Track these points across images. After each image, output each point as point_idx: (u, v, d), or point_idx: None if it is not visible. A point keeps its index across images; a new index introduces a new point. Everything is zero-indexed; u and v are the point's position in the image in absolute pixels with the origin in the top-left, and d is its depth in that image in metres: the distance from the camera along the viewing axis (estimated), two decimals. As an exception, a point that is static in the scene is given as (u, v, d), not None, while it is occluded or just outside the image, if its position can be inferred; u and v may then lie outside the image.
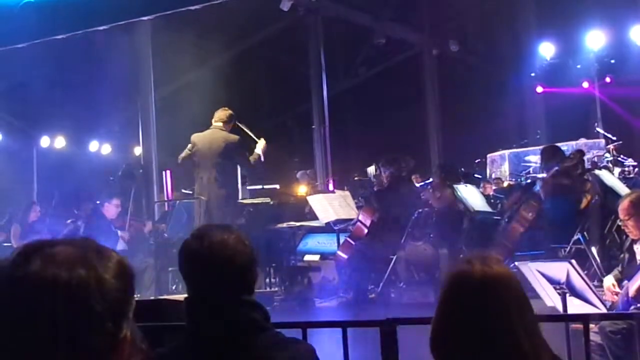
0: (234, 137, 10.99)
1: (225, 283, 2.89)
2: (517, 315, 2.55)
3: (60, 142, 19.14)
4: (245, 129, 11.29)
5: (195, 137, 11.13)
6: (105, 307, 1.60)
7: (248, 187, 12.50)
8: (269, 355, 2.84)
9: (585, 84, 21.15)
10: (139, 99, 15.39)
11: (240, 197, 11.72)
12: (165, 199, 13.99)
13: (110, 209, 12.93)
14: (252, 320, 2.89)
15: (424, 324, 4.70)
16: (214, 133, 11.06)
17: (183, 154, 11.17)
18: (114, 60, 15.70)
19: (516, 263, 7.55)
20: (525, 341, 2.52)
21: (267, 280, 12.11)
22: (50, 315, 1.56)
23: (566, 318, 5.84)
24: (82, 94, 17.25)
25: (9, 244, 14.02)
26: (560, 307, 6.33)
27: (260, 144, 11.16)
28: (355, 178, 17.07)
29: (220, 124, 11.10)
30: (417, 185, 13.61)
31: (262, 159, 11.17)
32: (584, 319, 4.57)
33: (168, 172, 13.59)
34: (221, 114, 11.18)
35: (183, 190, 14.08)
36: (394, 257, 10.53)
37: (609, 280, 7.10)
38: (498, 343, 2.50)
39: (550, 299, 6.51)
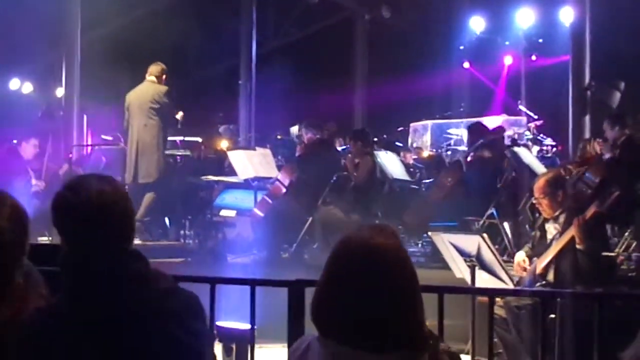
0: (163, 88, 11.47)
1: (105, 235, 2.75)
2: (398, 289, 2.54)
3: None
4: None
5: (129, 94, 11.60)
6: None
7: (169, 138, 12.44)
8: (154, 305, 2.77)
9: (509, 59, 21.43)
10: (66, 40, 15.10)
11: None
12: (84, 143, 13.81)
13: (28, 148, 12.69)
14: (136, 270, 2.79)
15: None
16: (146, 86, 11.54)
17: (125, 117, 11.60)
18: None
19: (429, 233, 7.66)
20: (404, 319, 2.53)
21: (182, 232, 12.10)
22: None
23: (473, 291, 5.95)
24: (5, 30, 16.84)
25: None
26: (469, 280, 6.44)
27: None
28: (278, 137, 17.02)
29: (153, 77, 11.57)
30: (339, 149, 13.65)
31: (179, 126, 12.02)
32: (490, 293, 4.64)
33: (86, 116, 13.44)
34: (153, 68, 11.65)
35: (103, 137, 13.93)
36: (309, 219, 10.56)
37: (520, 256, 7.23)
38: (373, 316, 2.49)
39: (460, 270, 6.62)
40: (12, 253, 1.60)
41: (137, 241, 2.99)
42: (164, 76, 11.61)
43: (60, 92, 16.29)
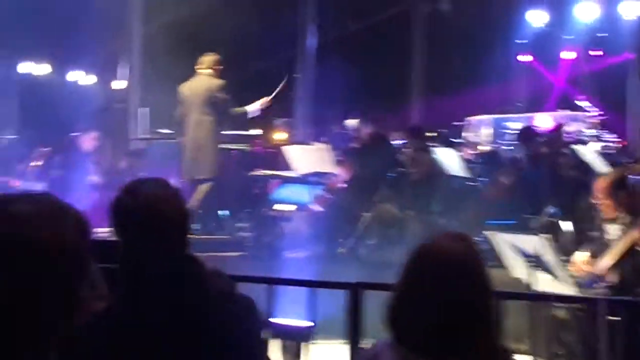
0: (218, 82, 11.14)
1: (161, 239, 2.78)
2: (474, 299, 2.52)
3: (41, 69, 18.86)
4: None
5: (183, 87, 11.31)
6: (66, 266, 1.56)
7: (226, 132, 12.44)
8: (210, 309, 2.77)
9: (570, 54, 21.13)
10: (126, 32, 15.20)
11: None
12: (143, 136, 13.89)
13: (87, 141, 12.82)
14: (192, 274, 2.81)
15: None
16: (200, 79, 11.22)
17: (177, 111, 11.36)
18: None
19: (485, 232, 7.58)
20: (483, 324, 2.51)
21: (238, 226, 12.11)
22: (11, 278, 1.51)
23: (534, 297, 5.86)
24: (67, 22, 16.98)
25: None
26: (527, 279, 6.35)
27: (258, 103, 11.42)
28: (335, 131, 16.97)
29: (208, 70, 11.22)
30: (395, 144, 13.57)
31: (249, 116, 11.50)
32: (551, 300, 4.58)
33: (147, 109, 13.49)
34: (207, 59, 11.30)
35: (159, 130, 13.99)
36: (367, 215, 10.51)
37: (581, 256, 7.12)
38: (448, 324, 2.48)
39: (517, 270, 6.53)
40: (78, 264, 1.58)
41: (192, 235, 2.97)
42: (218, 67, 11.27)
43: (120, 84, 16.42)
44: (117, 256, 2.83)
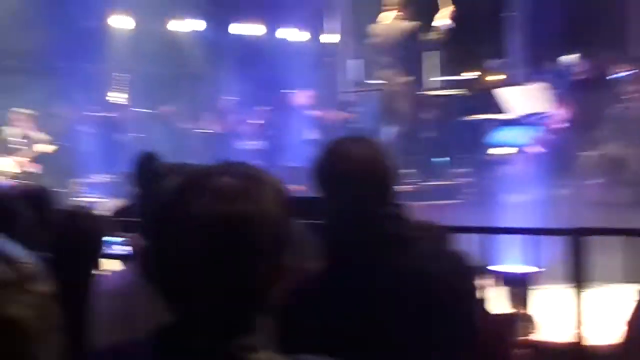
0: (410, 25, 10.85)
1: (364, 199, 2.68)
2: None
3: (252, 29, 19.25)
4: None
5: (374, 28, 11.06)
6: (270, 238, 1.58)
7: (443, 78, 12.24)
8: (416, 269, 2.67)
9: None
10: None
11: (426, 87, 11.61)
12: (353, 88, 13.96)
13: (301, 97, 13.03)
14: (396, 234, 2.70)
15: (616, 234, 4.51)
16: (391, 23, 10.93)
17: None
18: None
19: None
20: None
21: (456, 171, 11.98)
22: (218, 252, 1.55)
23: None
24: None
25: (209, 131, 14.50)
26: None
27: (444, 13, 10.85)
28: (552, 68, 16.43)
29: (396, 11, 10.91)
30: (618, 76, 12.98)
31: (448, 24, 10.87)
32: None
33: (354, 61, 13.50)
34: None
35: (367, 81, 14.00)
36: (588, 154, 10.14)
37: None
38: None
39: None
40: (282, 237, 1.61)
41: (406, 187, 2.92)
42: (406, 8, 10.94)
43: (329, 38, 16.54)
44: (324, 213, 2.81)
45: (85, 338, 3.07)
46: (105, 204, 9.51)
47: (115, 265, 3.88)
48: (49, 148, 12.53)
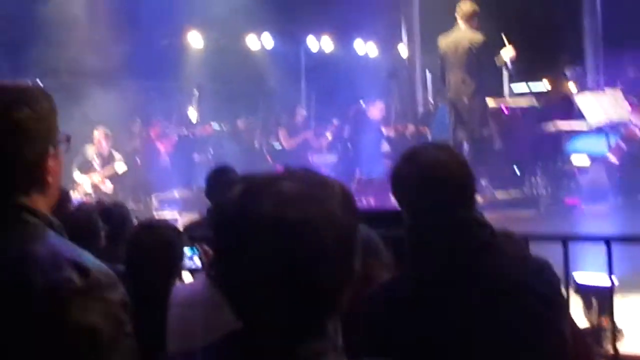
0: (479, 38, 10.75)
1: (443, 205, 2.66)
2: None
3: (325, 42, 19.29)
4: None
5: (441, 41, 11.00)
6: (336, 242, 1.57)
7: (512, 85, 12.11)
8: (501, 275, 2.63)
9: None
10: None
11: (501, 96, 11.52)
12: (430, 101, 13.91)
13: (374, 110, 13.01)
14: (479, 240, 2.66)
15: None
16: (461, 33, 10.85)
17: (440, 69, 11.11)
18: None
19: None
20: None
21: (533, 181, 11.83)
22: (283, 257, 1.54)
23: None
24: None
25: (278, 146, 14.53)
26: None
27: (507, 51, 10.78)
28: (630, 75, 16.15)
29: (465, 22, 10.82)
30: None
31: (510, 65, 10.94)
32: None
33: (429, 74, 13.45)
34: (464, 8, 10.88)
35: (440, 93, 13.93)
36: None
37: None
38: None
39: None
40: (349, 241, 1.61)
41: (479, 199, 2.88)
42: (474, 19, 10.81)
43: (402, 51, 16.50)
44: (404, 225, 2.78)
45: (161, 346, 3.11)
46: (180, 219, 9.62)
47: (187, 277, 3.92)
48: (123, 168, 12.69)
